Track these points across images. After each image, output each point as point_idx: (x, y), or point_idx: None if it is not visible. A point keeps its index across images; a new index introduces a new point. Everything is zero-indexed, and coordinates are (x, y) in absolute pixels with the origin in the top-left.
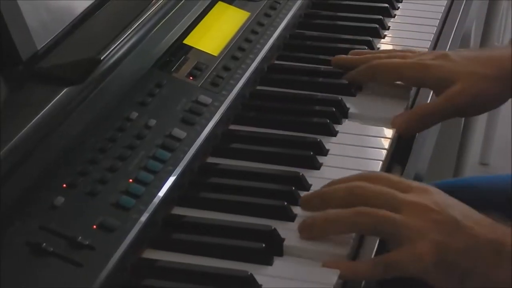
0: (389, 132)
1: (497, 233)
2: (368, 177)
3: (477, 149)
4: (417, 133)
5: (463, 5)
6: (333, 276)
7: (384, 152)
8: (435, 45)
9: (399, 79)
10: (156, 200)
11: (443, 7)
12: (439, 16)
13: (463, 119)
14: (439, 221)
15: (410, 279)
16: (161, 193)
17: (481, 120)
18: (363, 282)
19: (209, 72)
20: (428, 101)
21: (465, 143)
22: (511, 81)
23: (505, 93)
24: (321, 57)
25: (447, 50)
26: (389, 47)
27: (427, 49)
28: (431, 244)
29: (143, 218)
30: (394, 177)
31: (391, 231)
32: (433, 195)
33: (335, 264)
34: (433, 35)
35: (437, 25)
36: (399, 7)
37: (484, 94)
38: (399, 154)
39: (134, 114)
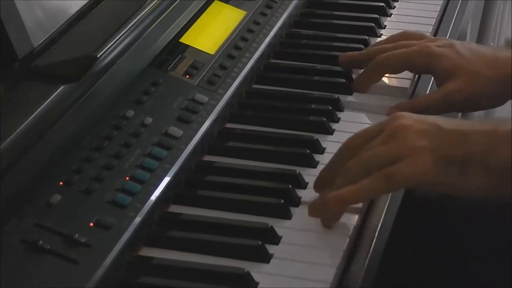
0: None
1: (487, 124)
2: (342, 151)
3: None
4: None
5: (459, 5)
6: (330, 273)
7: None
8: None
9: (407, 68)
10: (152, 198)
11: (439, 7)
12: (435, 15)
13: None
14: (423, 130)
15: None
16: (157, 191)
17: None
18: (360, 282)
19: (205, 71)
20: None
21: None
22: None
23: (503, 96)
24: (318, 55)
25: None
26: None
27: None
28: (424, 149)
29: (140, 216)
30: (364, 129)
31: (383, 162)
32: (406, 116)
33: (335, 195)
34: (429, 34)
35: (433, 24)
36: (395, 6)
37: (481, 95)
38: None
39: (131, 112)
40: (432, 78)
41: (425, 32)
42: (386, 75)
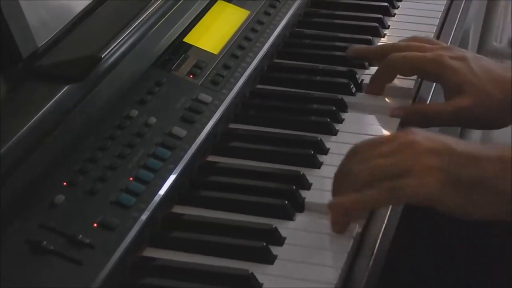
0: (389, 131)
1: (495, 149)
2: (351, 154)
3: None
4: None
5: (462, 5)
6: (334, 274)
7: None
8: None
9: (417, 73)
10: (156, 199)
11: (443, 6)
12: (439, 15)
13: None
14: (434, 149)
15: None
16: (161, 192)
17: None
18: (364, 284)
19: (209, 71)
20: (429, 100)
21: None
22: None
23: (509, 118)
24: (321, 55)
25: None
26: None
27: None
28: (431, 168)
29: (143, 217)
30: (373, 139)
31: (390, 173)
32: (419, 133)
33: (339, 201)
34: (432, 34)
35: (436, 24)
36: (399, 6)
37: (489, 115)
38: None
39: (134, 112)
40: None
41: (435, 39)
42: None
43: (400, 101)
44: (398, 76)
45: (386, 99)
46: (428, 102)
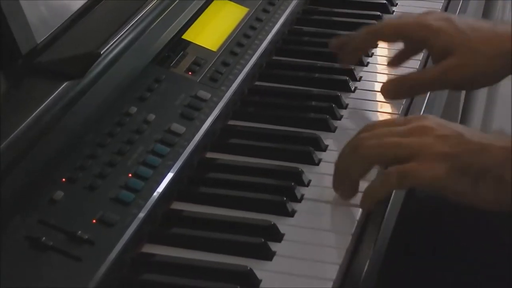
0: None
1: (504, 140)
2: (364, 129)
3: None
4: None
5: (460, 3)
6: (333, 270)
7: None
8: None
9: (401, 38)
10: (155, 195)
11: (441, 4)
12: None
13: (459, 114)
14: (446, 136)
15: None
16: (160, 188)
17: (477, 115)
18: (363, 280)
19: (208, 68)
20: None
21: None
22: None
23: (501, 73)
24: (320, 53)
25: None
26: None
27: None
28: (441, 155)
29: (143, 213)
30: (389, 118)
31: (399, 153)
32: (432, 119)
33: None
34: None
35: None
36: (397, 4)
37: (480, 72)
38: None
39: (133, 109)
40: None
41: None
42: (387, 71)
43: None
44: (394, 72)
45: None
46: (426, 99)
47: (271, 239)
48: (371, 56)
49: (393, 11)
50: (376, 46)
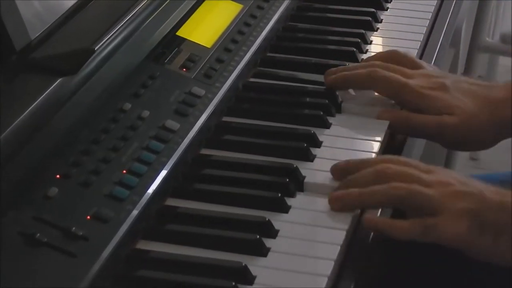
0: (382, 125)
1: None
2: (389, 160)
3: None
4: None
5: (453, 3)
6: (328, 266)
7: (378, 144)
8: (427, 39)
9: (394, 98)
10: (149, 192)
11: (436, 1)
12: (432, 9)
13: None
14: (467, 193)
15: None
16: (154, 185)
17: None
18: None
19: (202, 64)
20: None
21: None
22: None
23: (495, 139)
24: (314, 49)
25: (439, 45)
26: (382, 40)
27: (419, 43)
28: (463, 211)
29: (137, 209)
30: (413, 160)
31: (424, 204)
32: (452, 174)
33: (374, 220)
34: (425, 28)
35: (429, 18)
36: (392, 0)
37: (474, 136)
38: (392, 148)
39: (128, 106)
40: None
41: (415, 57)
42: None
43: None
44: None
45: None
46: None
47: (265, 235)
48: (365, 53)
49: (388, 7)
50: (366, 89)
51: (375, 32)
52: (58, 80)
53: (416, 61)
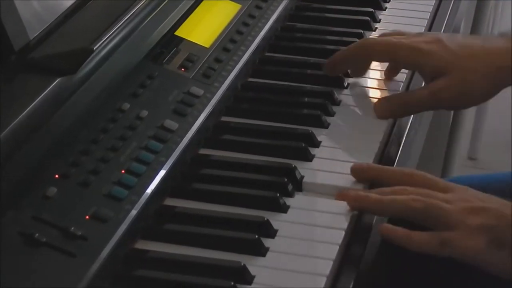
0: (381, 124)
1: None
2: (407, 179)
3: (465, 143)
4: (407, 128)
5: (452, 3)
6: (326, 266)
7: (377, 144)
8: None
9: (392, 59)
10: (148, 191)
11: (434, 1)
12: (430, 9)
13: (452, 112)
14: (485, 208)
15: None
16: (153, 184)
17: (469, 115)
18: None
19: (200, 64)
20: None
21: (453, 137)
22: (498, 78)
23: (493, 90)
24: (313, 49)
25: None
26: None
27: None
28: (481, 226)
29: (136, 209)
30: (431, 177)
31: (441, 218)
32: (471, 191)
33: (392, 229)
34: (423, 28)
35: (428, 18)
36: (390, 0)
37: (471, 90)
38: (389, 148)
39: (126, 105)
40: None
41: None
42: (379, 67)
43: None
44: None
45: (377, 92)
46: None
47: (264, 235)
48: None
49: (386, 7)
50: (364, 62)
51: (373, 32)
52: (57, 80)
53: (408, 32)
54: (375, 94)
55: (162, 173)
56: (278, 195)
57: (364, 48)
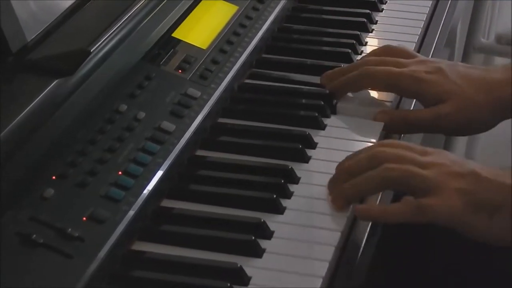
0: (377, 126)
1: None
2: (385, 144)
3: (463, 143)
4: None
5: (449, 3)
6: (322, 267)
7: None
8: (422, 39)
9: (392, 90)
10: (145, 192)
11: (431, 2)
12: (427, 11)
13: None
14: (461, 174)
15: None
16: (150, 186)
17: None
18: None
19: (197, 65)
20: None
21: (451, 137)
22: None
23: (493, 121)
24: (310, 50)
25: (434, 45)
26: (377, 41)
27: (414, 44)
28: (458, 191)
29: (133, 210)
30: (409, 143)
31: (418, 184)
32: (448, 155)
33: (366, 209)
34: (420, 29)
35: (424, 19)
36: (387, 2)
37: (472, 120)
38: None
39: (124, 107)
40: None
41: (409, 48)
42: None
43: (389, 96)
44: None
45: (375, 93)
46: (413, 104)
47: (261, 236)
48: (360, 54)
49: (383, 9)
50: (363, 89)
51: (370, 34)
52: (55, 82)
53: (411, 52)
54: (372, 94)
55: (159, 174)
56: (274, 196)
57: (364, 78)
